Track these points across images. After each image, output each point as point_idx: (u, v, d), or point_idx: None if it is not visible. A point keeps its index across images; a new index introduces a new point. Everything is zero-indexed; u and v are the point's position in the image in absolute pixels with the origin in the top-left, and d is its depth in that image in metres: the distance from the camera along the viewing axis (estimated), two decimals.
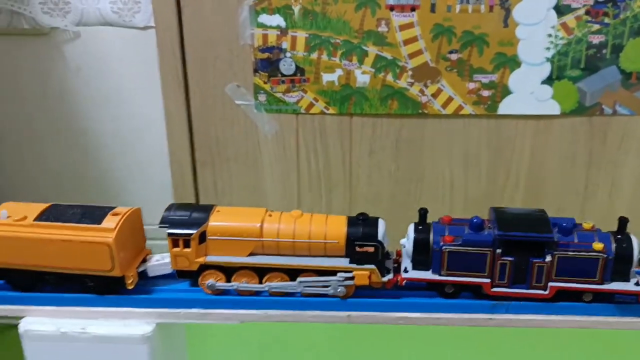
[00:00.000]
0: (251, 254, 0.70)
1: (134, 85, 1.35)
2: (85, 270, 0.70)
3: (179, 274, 0.72)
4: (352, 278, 0.69)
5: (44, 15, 1.29)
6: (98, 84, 1.36)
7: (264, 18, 1.26)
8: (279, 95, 1.31)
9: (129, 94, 1.36)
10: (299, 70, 1.29)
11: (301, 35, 1.26)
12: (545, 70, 1.26)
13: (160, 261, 0.74)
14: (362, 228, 0.69)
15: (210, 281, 0.71)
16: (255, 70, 1.30)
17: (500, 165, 1.35)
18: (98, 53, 1.33)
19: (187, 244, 0.69)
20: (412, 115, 1.31)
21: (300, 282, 0.70)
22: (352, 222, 0.70)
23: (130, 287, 0.71)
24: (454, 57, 1.26)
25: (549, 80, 1.27)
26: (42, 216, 0.71)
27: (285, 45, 1.27)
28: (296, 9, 1.24)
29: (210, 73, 1.31)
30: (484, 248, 0.68)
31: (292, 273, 0.70)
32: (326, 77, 1.29)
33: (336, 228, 0.70)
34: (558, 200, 1.36)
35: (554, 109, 1.29)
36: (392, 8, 1.23)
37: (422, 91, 1.29)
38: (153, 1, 1.25)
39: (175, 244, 0.70)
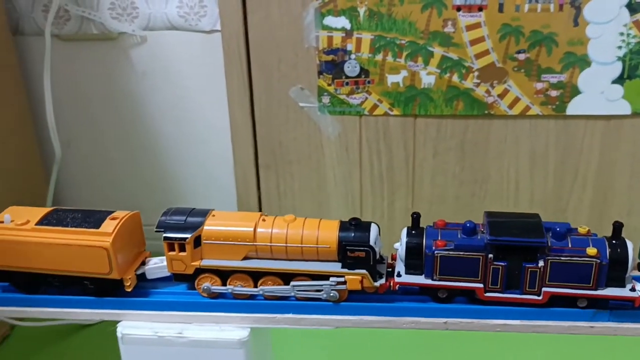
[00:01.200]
0: (245, 258, 0.71)
1: (198, 89, 1.37)
2: (85, 273, 0.72)
3: (176, 277, 0.73)
4: (344, 282, 0.70)
5: (112, 20, 1.32)
6: (163, 88, 1.38)
7: (329, 20, 1.26)
8: (342, 97, 1.31)
9: (194, 97, 1.38)
10: (364, 71, 1.29)
11: (366, 36, 1.26)
12: (617, 69, 1.23)
13: (159, 264, 0.75)
14: (353, 233, 0.70)
15: (206, 284, 0.72)
16: (320, 73, 1.30)
17: (568, 166, 1.32)
18: (164, 57, 1.35)
19: (182, 248, 0.71)
20: (477, 116, 1.30)
21: (294, 286, 0.71)
22: (344, 226, 0.71)
23: (128, 290, 0.72)
24: (521, 57, 1.24)
25: (620, 80, 1.24)
26: (44, 220, 0.73)
27: (350, 47, 1.27)
28: (362, 10, 1.24)
29: (274, 76, 1.31)
30: (476, 253, 0.68)
31: (286, 277, 0.71)
32: (391, 79, 1.29)
33: (328, 233, 0.70)
34: (627, 202, 1.34)
35: (625, 108, 1.26)
36: (459, 8, 1.22)
37: (488, 92, 1.27)
38: (219, 5, 1.26)
39: (171, 247, 0.71)
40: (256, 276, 0.72)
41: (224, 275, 0.72)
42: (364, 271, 0.69)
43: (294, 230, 0.71)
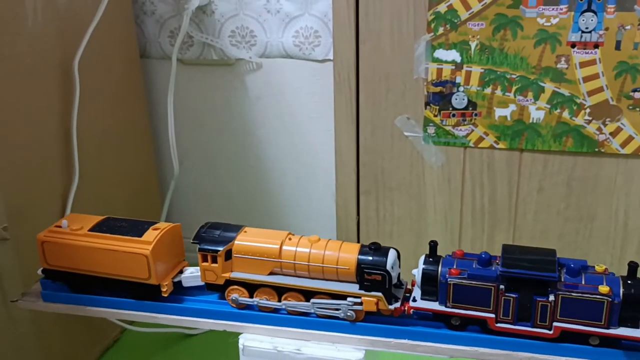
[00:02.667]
0: (271, 273, 0.76)
1: (307, 116, 1.43)
2: (128, 277, 0.79)
3: (208, 287, 0.79)
4: (360, 304, 0.73)
5: (231, 47, 1.40)
6: (275, 113, 1.44)
7: (439, 53, 1.28)
8: (448, 128, 1.33)
9: (303, 123, 1.44)
10: (471, 104, 1.30)
11: (476, 70, 1.27)
12: None
13: (194, 274, 0.81)
14: (372, 257, 0.73)
15: (234, 295, 0.77)
16: (427, 104, 1.32)
17: None
18: (277, 84, 1.41)
19: (214, 260, 0.76)
20: (587, 154, 1.28)
21: (314, 303, 0.75)
22: (363, 250, 0.74)
23: (165, 295, 0.79)
24: (637, 95, 1.21)
25: None
26: (96, 227, 0.81)
27: (459, 79, 1.29)
28: (473, 44, 1.26)
29: (381, 106, 1.35)
30: (489, 283, 0.69)
31: (308, 294, 0.75)
32: (499, 112, 1.29)
33: (348, 255, 0.74)
34: None
35: None
36: (573, 45, 1.21)
37: (599, 129, 1.25)
38: (334, 36, 1.31)
39: (204, 259, 0.77)
40: (280, 291, 0.76)
41: (251, 288, 0.77)
42: (379, 294, 0.73)
43: (316, 250, 0.75)
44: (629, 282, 0.68)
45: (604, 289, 0.67)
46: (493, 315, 0.70)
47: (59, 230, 0.81)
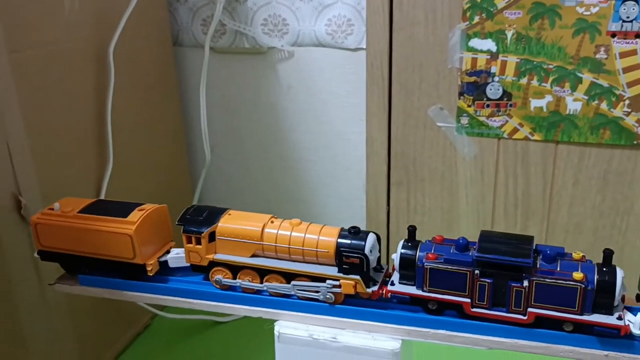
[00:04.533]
0: (254, 255, 0.77)
1: (338, 105, 1.42)
2: (115, 257, 0.80)
3: (193, 268, 0.80)
4: (339, 286, 0.73)
5: (264, 35, 1.39)
6: (305, 102, 1.44)
7: (475, 42, 1.26)
8: (482, 118, 1.31)
9: (334, 112, 1.43)
10: (506, 94, 1.28)
11: (512, 59, 1.25)
12: None
13: (179, 254, 0.81)
14: (350, 240, 0.74)
15: (218, 277, 0.78)
16: (461, 94, 1.31)
17: None
18: (309, 72, 1.41)
19: (198, 241, 0.77)
20: (624, 146, 1.25)
21: (294, 285, 0.75)
22: (343, 234, 0.74)
23: (150, 274, 0.80)
24: None
25: None
26: (85, 209, 0.82)
27: (494, 69, 1.27)
28: (509, 33, 1.24)
29: (414, 95, 1.33)
30: (464, 268, 0.70)
31: (289, 276, 0.76)
32: (534, 103, 1.27)
33: (327, 238, 0.75)
34: None
35: None
36: (613, 34, 1.18)
37: (639, 121, 1.22)
38: (367, 24, 1.30)
39: (189, 240, 0.78)
40: (262, 273, 0.77)
41: (234, 269, 0.78)
42: (357, 277, 0.73)
43: (297, 233, 0.76)
44: (604, 269, 0.68)
45: (578, 275, 0.67)
46: (469, 300, 0.71)
47: (51, 213, 0.83)
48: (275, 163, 1.52)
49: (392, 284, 0.74)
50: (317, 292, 0.75)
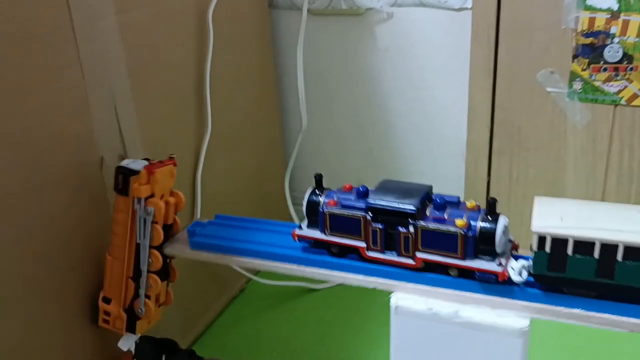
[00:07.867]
0: None
1: (439, 69, 1.35)
2: None
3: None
4: None
5: None
6: (402, 65, 1.38)
7: (593, 0, 1.16)
8: (597, 83, 1.22)
9: (432, 77, 1.37)
10: (626, 57, 1.18)
11: (635, 19, 1.15)
12: None
13: None
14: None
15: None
16: (575, 56, 1.21)
17: None
18: (407, 34, 1.35)
19: None
20: None
21: None
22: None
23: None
24: None
25: None
26: None
27: (615, 30, 1.17)
28: None
29: (522, 58, 1.25)
30: (358, 213, 0.74)
31: None
32: None
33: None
34: None
35: None
36: None
37: None
38: None
39: None
40: None
41: None
42: None
43: None
44: (488, 217, 0.70)
45: (460, 222, 0.69)
46: (364, 244, 0.75)
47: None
48: (367, 130, 1.48)
49: (301, 228, 0.79)
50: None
